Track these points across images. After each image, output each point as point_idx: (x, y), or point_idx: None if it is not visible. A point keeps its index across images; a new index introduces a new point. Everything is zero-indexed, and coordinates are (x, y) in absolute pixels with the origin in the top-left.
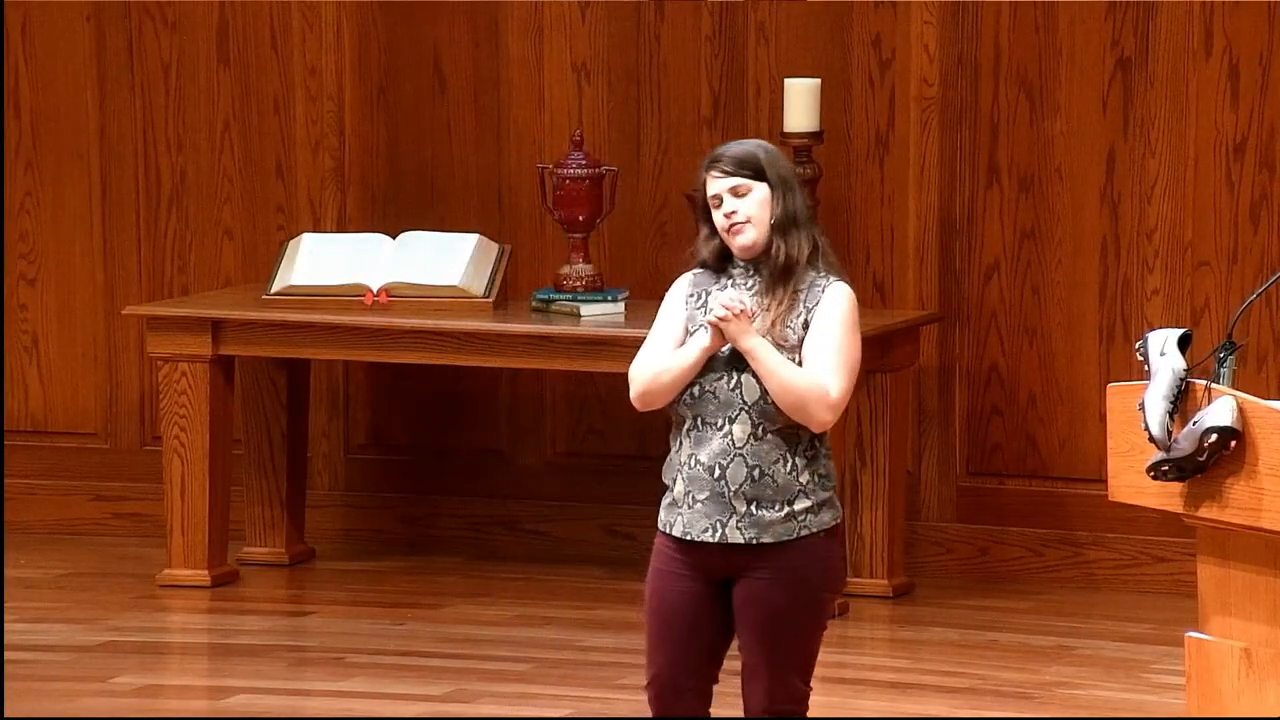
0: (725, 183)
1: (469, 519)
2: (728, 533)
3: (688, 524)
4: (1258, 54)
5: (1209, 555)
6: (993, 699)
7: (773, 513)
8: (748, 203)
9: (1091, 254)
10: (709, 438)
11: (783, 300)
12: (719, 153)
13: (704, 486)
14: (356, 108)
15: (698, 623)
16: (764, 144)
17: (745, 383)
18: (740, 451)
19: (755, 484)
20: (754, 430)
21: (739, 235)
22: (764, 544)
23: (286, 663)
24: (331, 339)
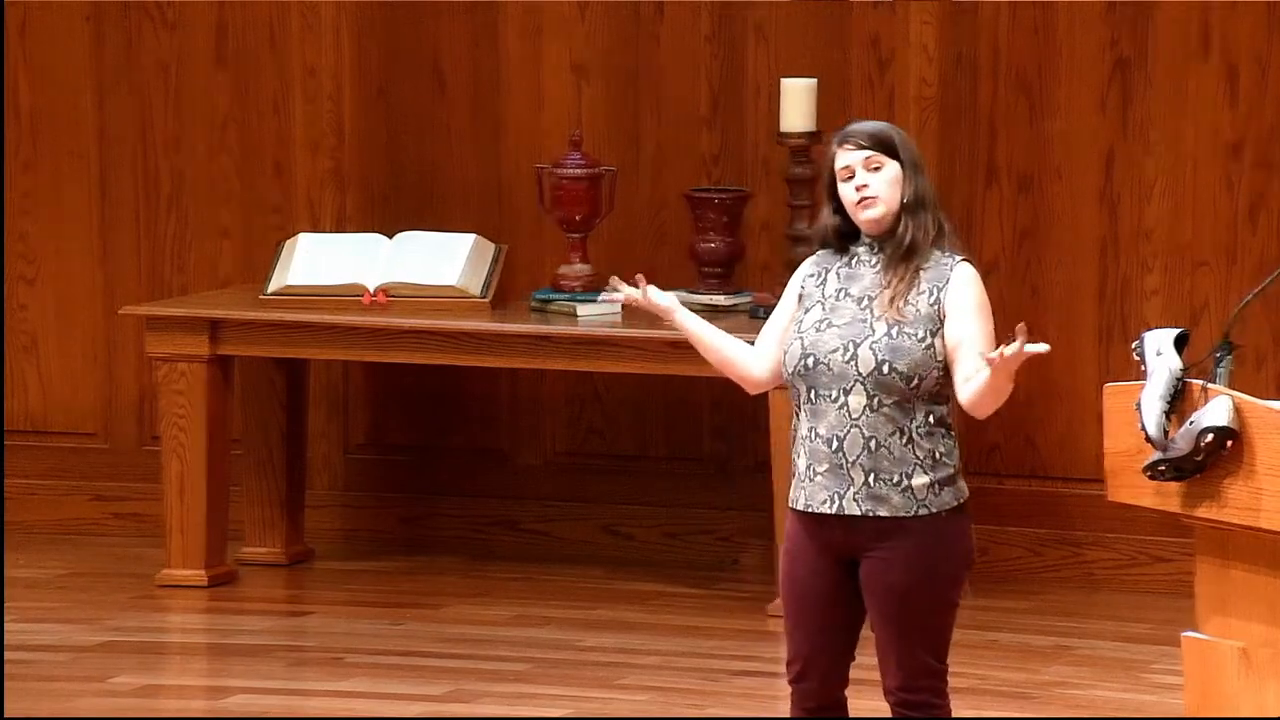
0: (858, 155)
1: (468, 519)
2: (845, 504)
3: (810, 496)
4: (1255, 55)
5: (1207, 555)
6: (992, 699)
7: (889, 486)
8: (879, 178)
9: (1090, 254)
10: (825, 410)
11: (904, 277)
12: (852, 128)
13: (824, 459)
14: (355, 108)
15: (831, 602)
16: (893, 125)
17: (861, 355)
18: (856, 423)
19: (872, 455)
20: (869, 402)
21: (868, 209)
22: (882, 519)
23: (285, 663)
24: (330, 339)
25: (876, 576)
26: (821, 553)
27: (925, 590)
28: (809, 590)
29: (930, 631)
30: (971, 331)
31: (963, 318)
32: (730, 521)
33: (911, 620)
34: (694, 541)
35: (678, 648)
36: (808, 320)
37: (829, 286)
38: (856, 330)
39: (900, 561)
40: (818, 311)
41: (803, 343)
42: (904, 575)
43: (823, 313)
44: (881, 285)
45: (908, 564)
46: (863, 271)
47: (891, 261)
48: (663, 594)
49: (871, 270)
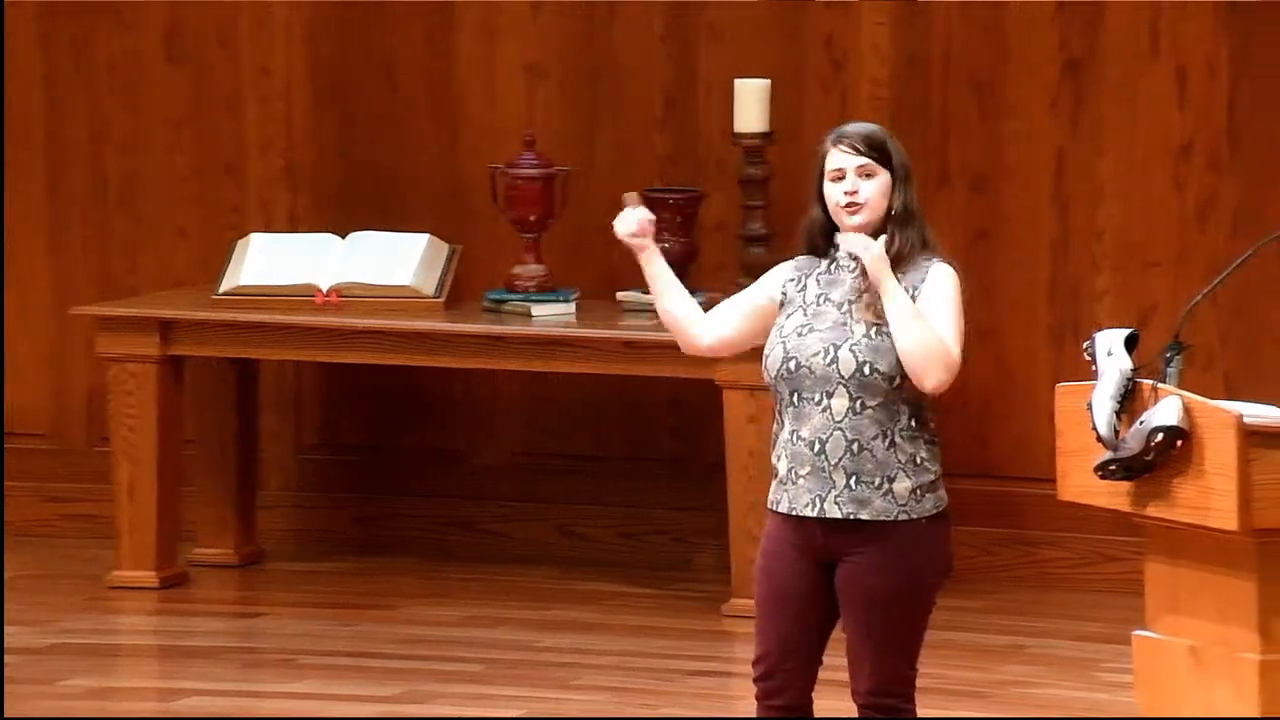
0: (853, 160)
1: (422, 519)
2: (826, 507)
3: (792, 499)
4: (1205, 56)
5: (1157, 554)
6: (947, 698)
7: (871, 489)
8: (870, 186)
9: (1042, 255)
10: (809, 413)
11: None
12: (848, 130)
13: (806, 461)
14: (307, 108)
15: (804, 603)
16: (885, 129)
17: (843, 358)
18: (839, 425)
19: (855, 458)
20: (852, 404)
21: (854, 215)
22: (862, 522)
23: (238, 664)
24: (282, 339)
25: (854, 580)
26: (801, 554)
27: (902, 596)
28: (785, 589)
29: (904, 637)
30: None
31: (925, 302)
32: (686, 522)
33: (886, 626)
34: (650, 542)
35: (633, 648)
36: (789, 325)
37: (809, 293)
38: (838, 334)
39: (879, 566)
40: (799, 316)
41: (785, 346)
42: (882, 580)
43: (804, 318)
44: (861, 289)
45: (886, 569)
46: (843, 277)
47: None
48: (618, 594)
49: (852, 276)
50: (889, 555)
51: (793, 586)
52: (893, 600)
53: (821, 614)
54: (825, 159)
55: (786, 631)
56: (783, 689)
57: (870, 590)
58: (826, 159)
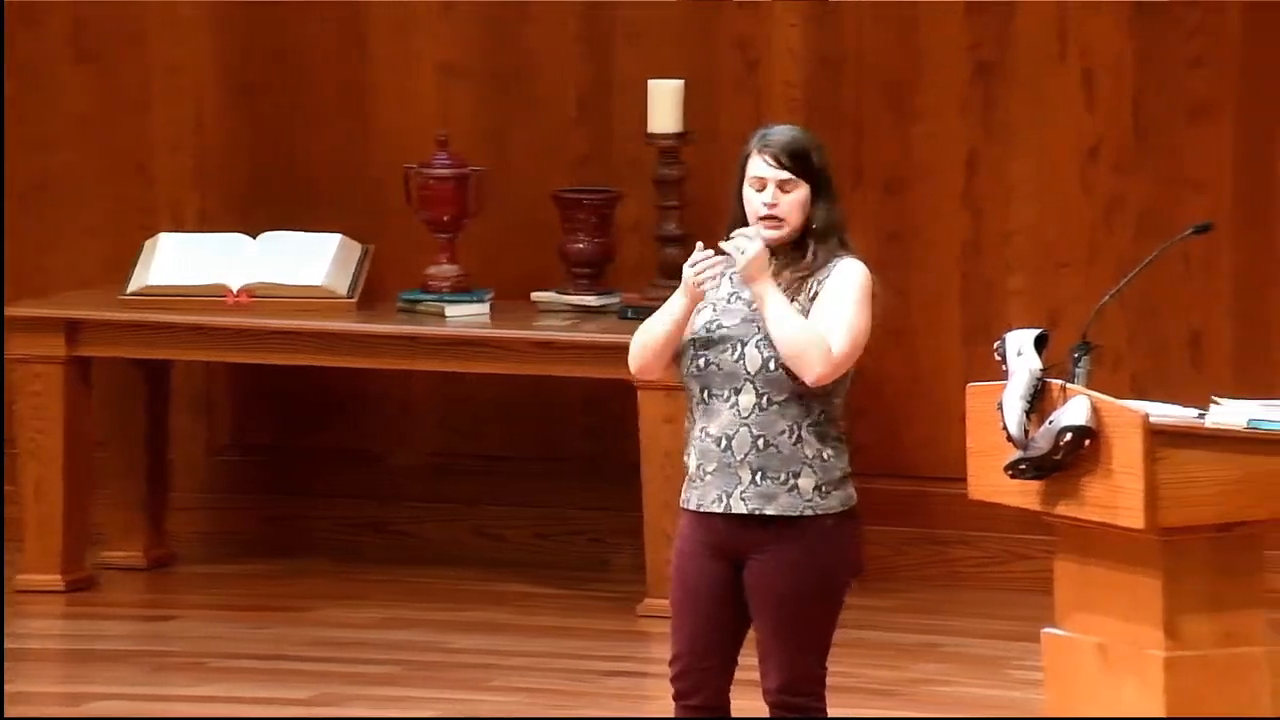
0: (775, 174)
1: (335, 521)
2: (732, 503)
3: (700, 496)
4: (1111, 58)
5: (1066, 552)
6: (861, 696)
7: (777, 484)
8: (789, 200)
9: (954, 256)
10: (717, 410)
11: (792, 284)
12: (774, 137)
13: (713, 458)
14: (218, 107)
15: (717, 602)
16: (811, 136)
17: (748, 354)
18: (746, 421)
19: (761, 454)
20: (759, 400)
21: (772, 229)
22: (768, 518)
23: (146, 668)
24: (192, 340)
25: (763, 579)
26: (712, 553)
27: (810, 594)
28: (698, 589)
29: (813, 636)
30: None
31: (825, 296)
32: (601, 522)
33: (795, 624)
34: (565, 542)
35: (548, 649)
36: (699, 322)
37: (723, 290)
38: (745, 330)
39: (786, 565)
40: (708, 313)
41: (694, 344)
42: (789, 579)
43: (713, 314)
44: None
45: (793, 567)
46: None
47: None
48: (533, 595)
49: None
50: (796, 553)
51: (705, 586)
52: (801, 598)
53: (734, 613)
54: (747, 162)
55: (700, 631)
56: (698, 688)
57: (778, 588)
58: (749, 163)
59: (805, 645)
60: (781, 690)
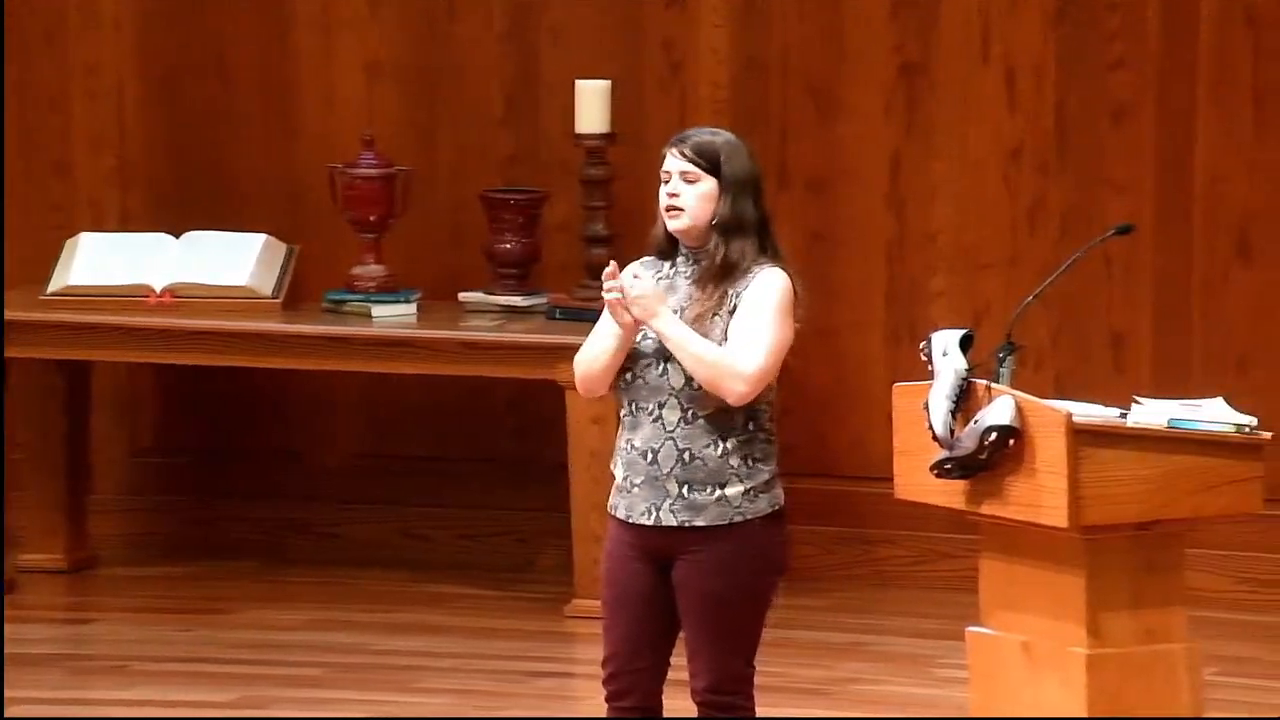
0: (678, 165)
1: (260, 522)
2: (662, 515)
3: (629, 507)
4: (1032, 60)
5: (991, 551)
6: (790, 696)
7: (705, 495)
8: (691, 192)
9: (879, 256)
10: (643, 423)
11: (713, 296)
12: (684, 134)
13: (640, 470)
14: (139, 104)
15: (647, 604)
16: (733, 140)
17: (671, 369)
18: (671, 435)
19: (686, 467)
20: (684, 414)
21: (673, 218)
22: (698, 527)
23: (67, 672)
24: (114, 340)
25: (691, 581)
26: (641, 557)
27: (738, 595)
28: (629, 591)
29: (741, 636)
30: (740, 319)
31: (742, 310)
32: (528, 523)
33: (723, 624)
34: (492, 543)
35: (475, 650)
36: None
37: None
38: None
39: (714, 566)
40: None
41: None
42: (717, 580)
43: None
44: (692, 299)
45: (721, 569)
46: (679, 283)
47: (705, 277)
48: (460, 596)
49: (686, 282)
50: (725, 555)
51: (634, 588)
52: (728, 599)
53: (665, 615)
54: (662, 160)
55: (632, 633)
56: (630, 689)
57: (706, 590)
58: (662, 161)
59: (732, 645)
60: (709, 690)
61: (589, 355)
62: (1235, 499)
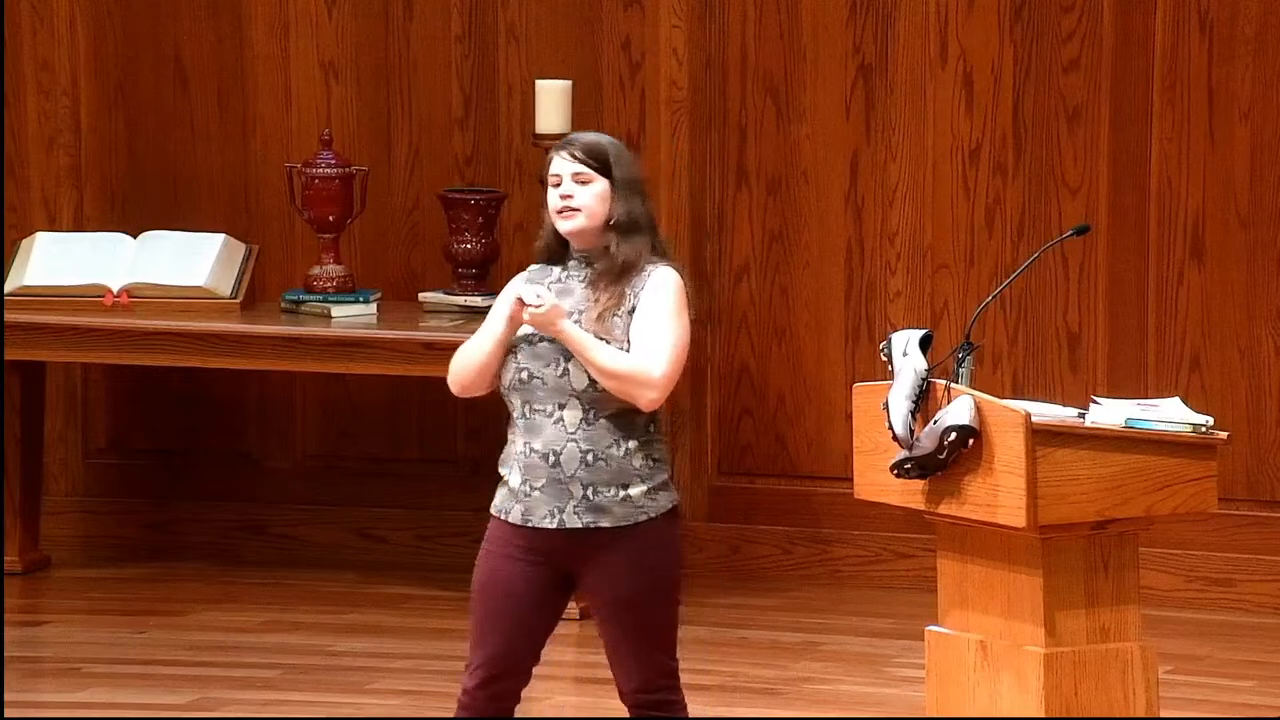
0: (570, 166)
1: (214, 524)
2: (566, 518)
3: (527, 511)
4: (989, 63)
5: (948, 551)
6: (742, 695)
7: (609, 497)
8: (585, 192)
9: (837, 256)
10: (542, 425)
11: (613, 295)
12: (571, 137)
13: (541, 474)
14: (93, 103)
15: (536, 609)
16: (617, 143)
17: (573, 371)
18: (573, 437)
19: (590, 468)
20: (585, 415)
21: (567, 219)
22: (603, 528)
23: (19, 674)
24: (69, 341)
25: (603, 587)
26: (535, 562)
27: (653, 592)
28: (514, 594)
29: (662, 632)
30: (641, 323)
31: (642, 312)
32: (484, 524)
33: (644, 623)
34: (448, 544)
35: (430, 651)
36: (519, 335)
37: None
38: None
39: (625, 569)
40: (528, 326)
41: (516, 358)
42: (631, 581)
43: (532, 328)
44: (590, 300)
45: (633, 570)
46: (574, 286)
47: (601, 279)
48: (415, 597)
49: (581, 285)
50: (633, 555)
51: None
52: (645, 598)
53: (549, 620)
54: (549, 165)
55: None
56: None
57: (621, 592)
58: (549, 165)
59: (656, 642)
60: (641, 690)
61: (473, 355)
62: (1190, 498)
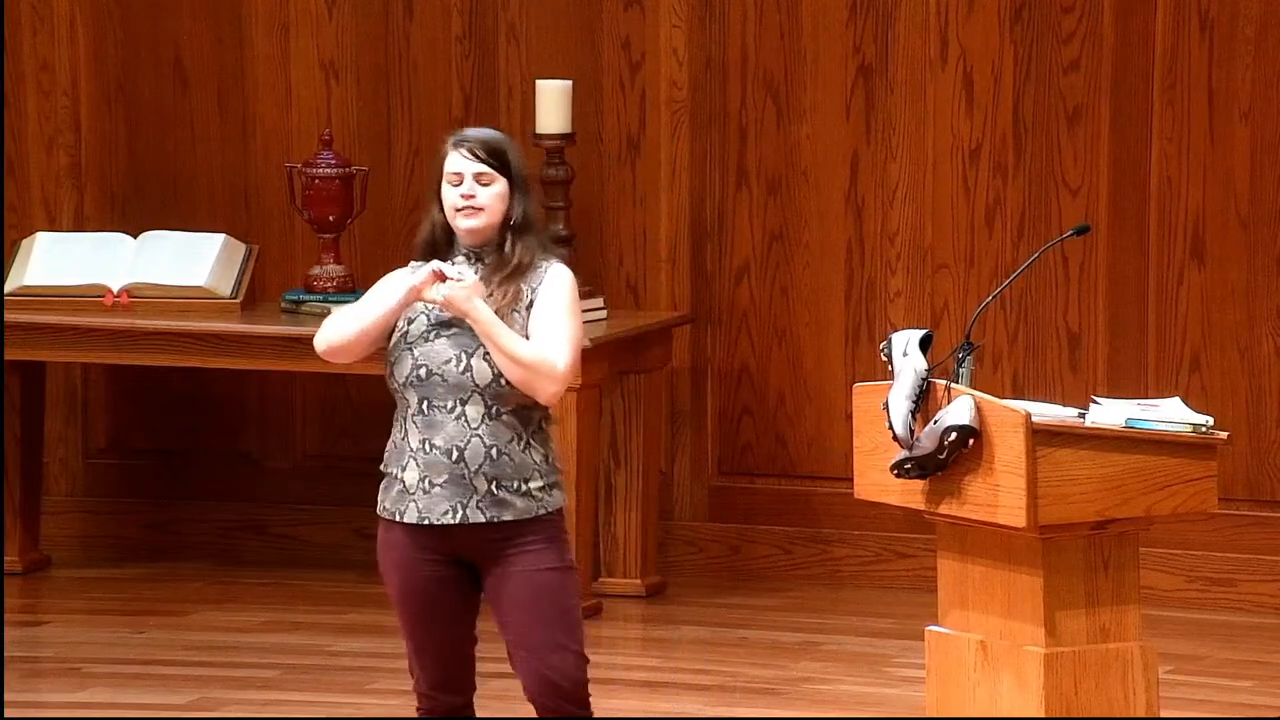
0: (471, 165)
1: (214, 524)
2: (469, 513)
3: (425, 509)
4: (990, 62)
5: (948, 550)
6: (742, 695)
7: (511, 492)
8: (487, 192)
9: (837, 256)
10: (441, 421)
11: (509, 293)
12: (469, 134)
13: (442, 470)
14: (93, 103)
15: (460, 606)
16: (510, 139)
17: (476, 366)
18: (476, 432)
19: (494, 463)
20: (488, 411)
21: (468, 218)
22: (506, 523)
23: (19, 674)
24: (69, 341)
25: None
26: (444, 561)
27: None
28: (438, 603)
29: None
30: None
31: (540, 309)
32: None
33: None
34: None
35: None
36: (414, 330)
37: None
38: (467, 340)
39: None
40: (423, 321)
41: (413, 353)
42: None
43: (429, 323)
44: (485, 296)
45: (542, 558)
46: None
47: (495, 275)
48: None
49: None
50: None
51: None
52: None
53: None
54: (445, 161)
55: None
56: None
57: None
58: (446, 161)
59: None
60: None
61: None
62: (1190, 498)
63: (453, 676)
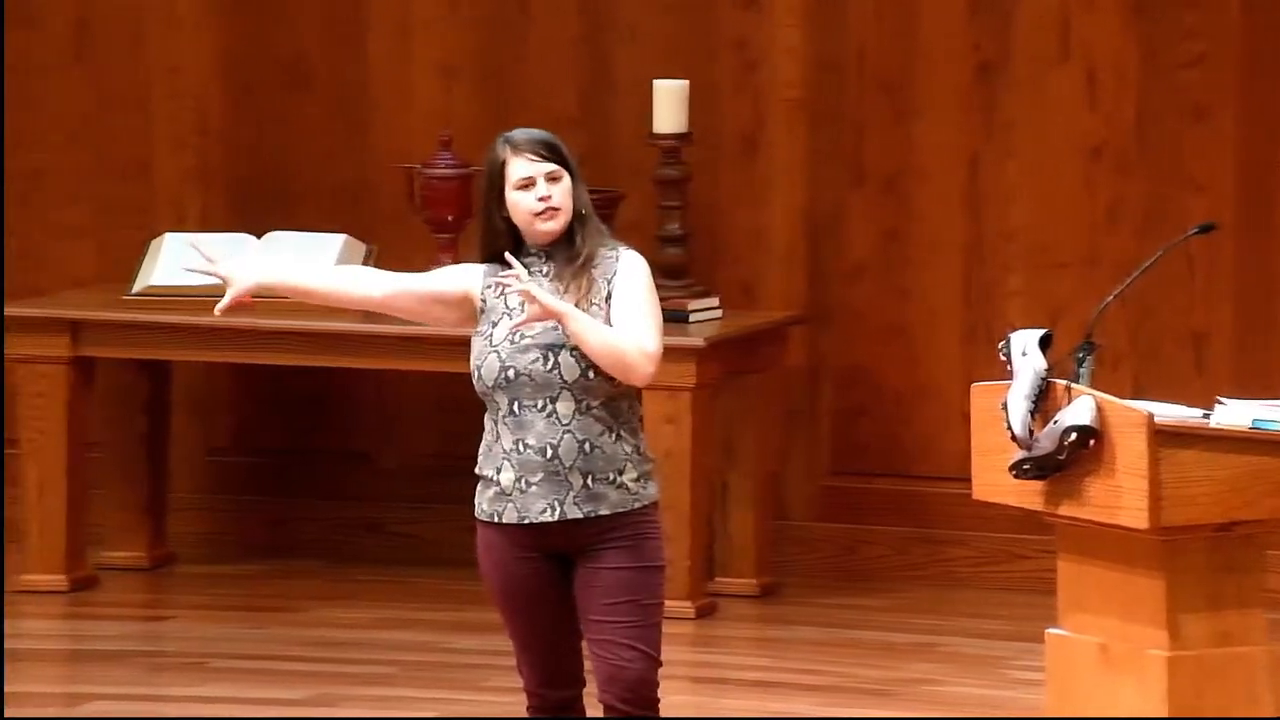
0: (541, 167)
1: (333, 522)
2: (566, 509)
3: (522, 509)
4: (1113, 58)
5: (1068, 552)
6: (854, 696)
7: (605, 485)
8: (560, 190)
9: (954, 255)
10: (532, 420)
11: (583, 286)
12: (523, 137)
13: (538, 469)
14: (220, 106)
15: (556, 600)
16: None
17: (563, 363)
18: (568, 428)
19: (587, 458)
20: (578, 406)
21: (550, 220)
22: (602, 517)
23: (145, 668)
24: (194, 340)
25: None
26: (541, 558)
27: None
28: (539, 600)
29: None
30: (623, 305)
31: (620, 296)
32: None
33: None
34: None
35: None
36: (498, 334)
37: (511, 299)
38: (552, 337)
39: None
40: (507, 323)
41: (499, 356)
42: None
43: (510, 324)
44: (561, 292)
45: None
46: (541, 283)
47: (567, 269)
48: None
49: (546, 280)
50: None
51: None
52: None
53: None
54: (505, 167)
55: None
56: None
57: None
58: (508, 167)
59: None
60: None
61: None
62: None
63: (560, 671)
